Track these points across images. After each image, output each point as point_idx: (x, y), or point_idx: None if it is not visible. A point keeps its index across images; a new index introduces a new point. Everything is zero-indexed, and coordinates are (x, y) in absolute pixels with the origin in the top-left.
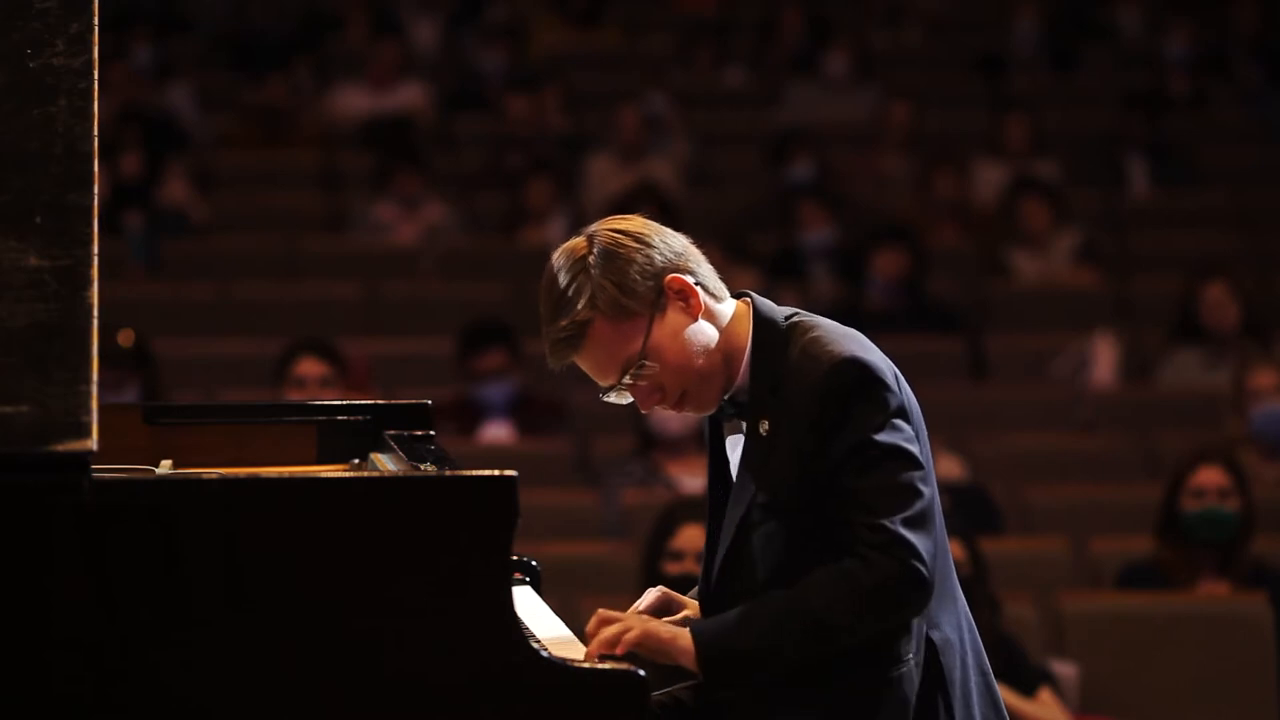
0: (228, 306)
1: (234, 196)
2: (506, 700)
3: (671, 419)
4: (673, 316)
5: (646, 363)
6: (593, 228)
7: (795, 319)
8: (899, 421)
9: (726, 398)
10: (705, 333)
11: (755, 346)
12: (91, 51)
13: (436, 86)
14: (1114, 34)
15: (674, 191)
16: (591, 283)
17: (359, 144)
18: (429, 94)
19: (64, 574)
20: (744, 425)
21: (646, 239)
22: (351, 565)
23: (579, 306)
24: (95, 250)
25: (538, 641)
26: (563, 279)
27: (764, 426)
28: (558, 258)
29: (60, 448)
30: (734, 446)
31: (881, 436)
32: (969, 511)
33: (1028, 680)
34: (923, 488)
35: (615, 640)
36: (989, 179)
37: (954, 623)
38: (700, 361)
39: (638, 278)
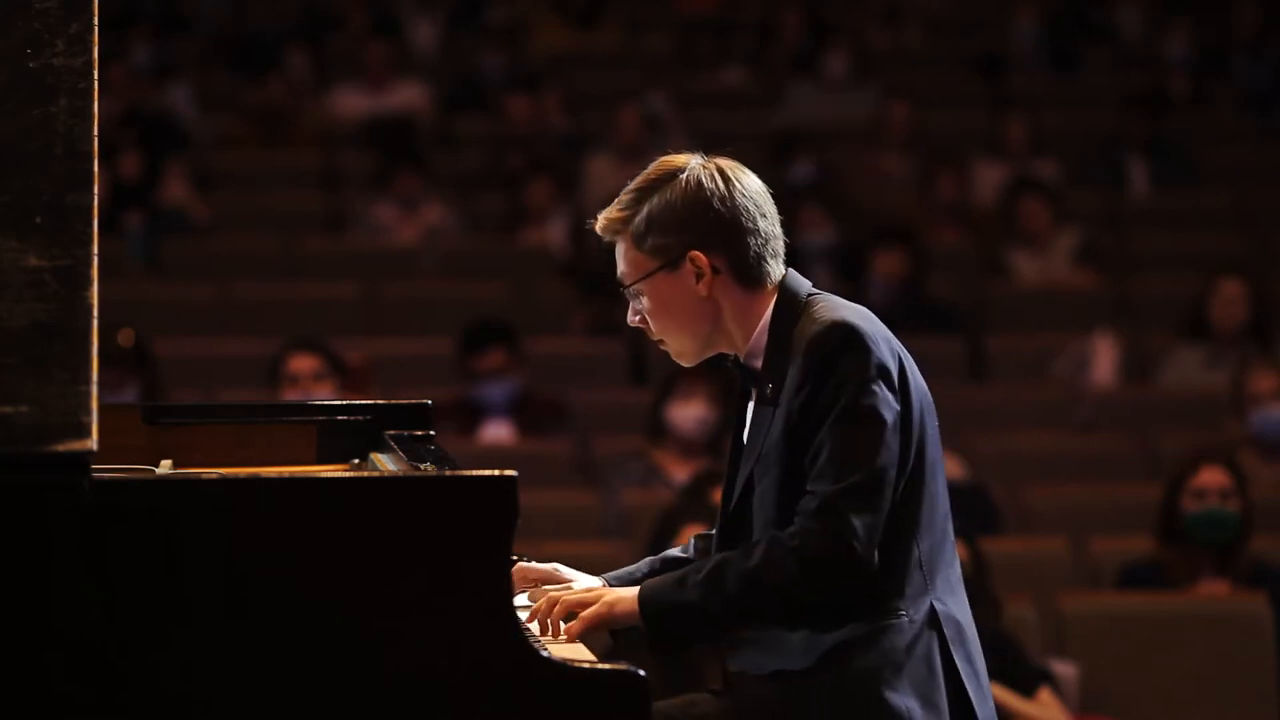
0: (228, 306)
1: (234, 196)
2: (507, 700)
3: (689, 423)
4: (680, 279)
5: (640, 296)
6: (706, 160)
7: (814, 295)
8: (878, 386)
9: (737, 360)
10: (702, 306)
11: (774, 318)
12: (91, 51)
13: (436, 86)
14: (1114, 34)
15: None
16: (647, 205)
17: (359, 144)
18: (429, 94)
19: (64, 574)
20: (756, 390)
21: (716, 200)
22: (351, 565)
23: (624, 212)
24: (95, 250)
25: (538, 641)
26: (639, 181)
27: (769, 390)
28: (661, 161)
29: (60, 448)
30: (751, 410)
31: (854, 397)
32: (969, 511)
33: (1028, 680)
34: (882, 455)
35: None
36: (989, 179)
37: (960, 608)
38: (685, 323)
39: (673, 232)
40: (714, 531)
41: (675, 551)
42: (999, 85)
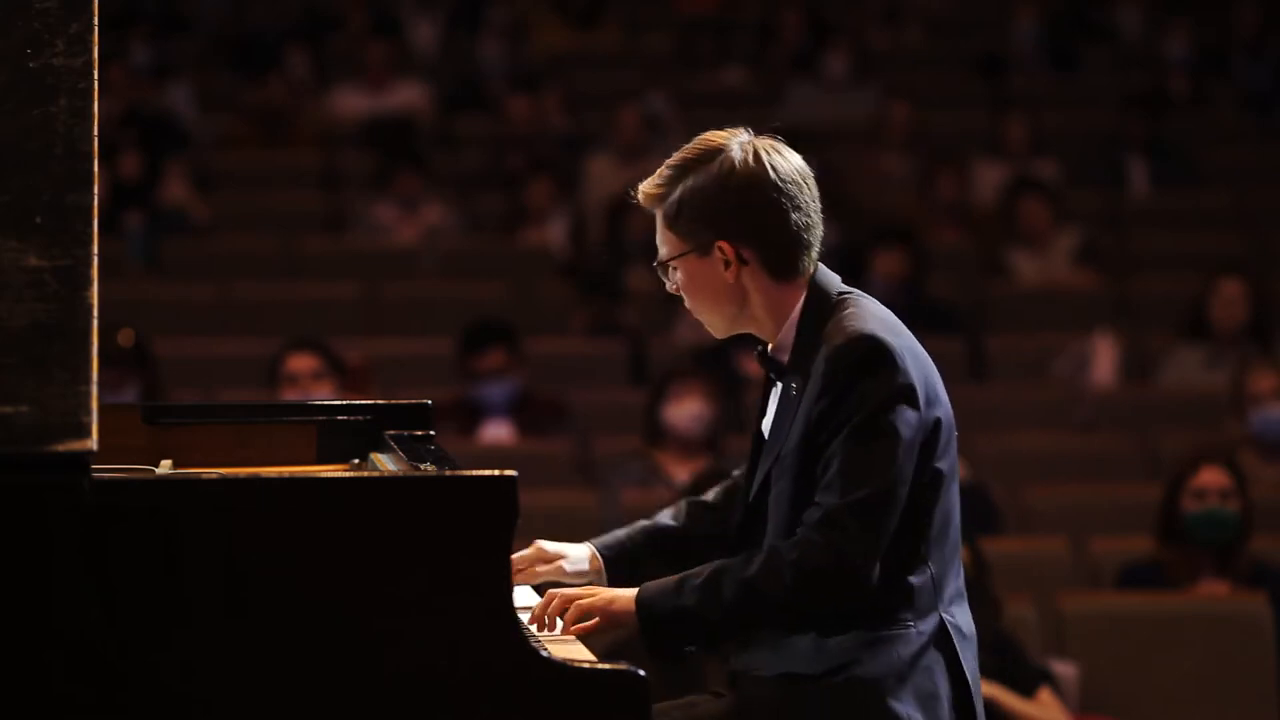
0: (228, 306)
1: (234, 196)
2: (507, 700)
3: (685, 421)
4: (709, 264)
5: (674, 271)
6: (747, 141)
7: (845, 295)
8: (899, 405)
9: (766, 350)
10: (730, 291)
11: (803, 313)
12: (91, 51)
13: (436, 86)
14: (1114, 34)
15: None
16: (681, 185)
17: (359, 144)
18: (429, 94)
19: (64, 574)
20: (781, 385)
21: (747, 188)
22: (351, 565)
23: (661, 188)
24: (95, 250)
25: (538, 641)
26: (679, 156)
27: (794, 388)
28: (703, 137)
29: (60, 448)
30: (774, 403)
31: (872, 413)
32: (969, 511)
33: (1028, 680)
34: (892, 472)
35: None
36: (989, 179)
37: (965, 618)
38: (714, 304)
39: (702, 220)
40: (708, 500)
41: (666, 519)
42: (999, 85)
